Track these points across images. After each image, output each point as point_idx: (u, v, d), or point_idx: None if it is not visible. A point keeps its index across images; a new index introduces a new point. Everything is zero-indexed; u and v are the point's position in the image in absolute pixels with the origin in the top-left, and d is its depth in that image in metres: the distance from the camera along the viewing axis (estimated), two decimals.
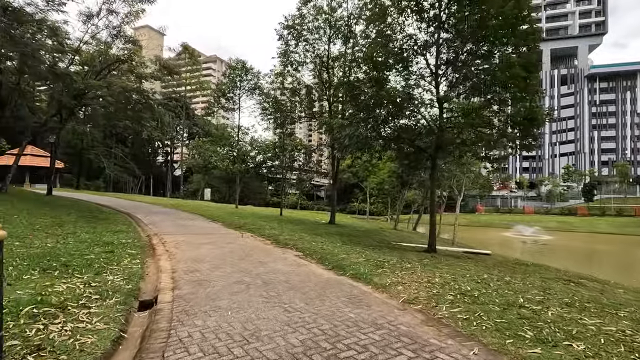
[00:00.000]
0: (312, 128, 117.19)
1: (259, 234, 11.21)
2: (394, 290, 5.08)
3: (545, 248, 29.32)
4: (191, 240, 9.55)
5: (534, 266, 11.72)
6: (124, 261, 6.48)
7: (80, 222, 11.24)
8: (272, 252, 8.33)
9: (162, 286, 5.30)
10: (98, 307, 4.04)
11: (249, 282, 5.43)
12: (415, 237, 19.62)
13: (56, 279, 4.96)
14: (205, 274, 6.00)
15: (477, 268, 7.76)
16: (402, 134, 11.23)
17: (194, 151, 48.67)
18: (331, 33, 17.79)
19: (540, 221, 52.93)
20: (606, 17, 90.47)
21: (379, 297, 4.84)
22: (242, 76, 24.74)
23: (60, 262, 5.86)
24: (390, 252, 9.53)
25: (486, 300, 4.57)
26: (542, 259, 20.37)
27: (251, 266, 6.63)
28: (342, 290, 5.12)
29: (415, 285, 5.28)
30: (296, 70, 18.89)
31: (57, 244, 7.70)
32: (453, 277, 5.97)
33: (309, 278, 5.84)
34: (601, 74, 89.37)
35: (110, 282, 5.03)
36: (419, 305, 4.44)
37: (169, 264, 6.81)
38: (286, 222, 16.41)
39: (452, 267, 7.23)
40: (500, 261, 11.60)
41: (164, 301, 4.63)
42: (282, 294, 4.87)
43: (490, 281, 5.91)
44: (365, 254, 8.00)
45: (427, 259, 8.39)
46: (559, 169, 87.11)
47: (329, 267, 6.72)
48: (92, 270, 5.56)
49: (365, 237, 13.34)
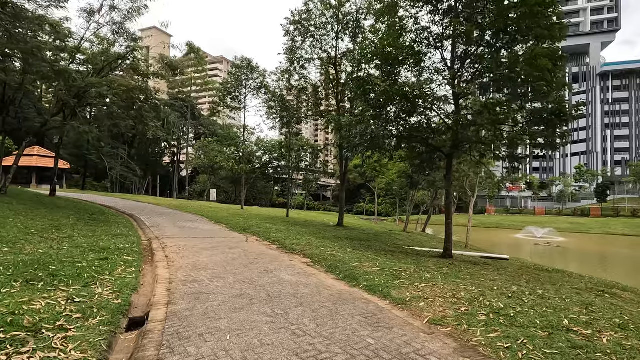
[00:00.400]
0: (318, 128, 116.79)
1: (265, 237, 10.67)
2: (416, 307, 4.47)
3: (560, 251, 28.38)
4: (193, 245, 9.04)
5: (555, 272, 11.03)
6: (118, 270, 5.97)
7: (79, 225, 10.81)
8: (278, 258, 7.77)
9: (155, 300, 4.77)
10: (78, 328, 3.51)
11: (252, 296, 4.87)
12: (427, 240, 18.93)
13: (38, 292, 4.45)
14: (205, 284, 5.45)
15: (502, 277, 7.10)
16: (414, 132, 10.60)
17: (200, 151, 48.46)
18: (339, 29, 17.20)
19: (552, 222, 51.75)
20: (619, 14, 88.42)
21: (400, 315, 4.24)
22: (247, 75, 24.27)
23: (47, 272, 5.35)
24: (405, 258, 8.91)
25: (525, 322, 3.94)
26: (560, 263, 19.56)
27: (255, 275, 6.08)
28: (357, 307, 4.52)
29: (439, 301, 4.67)
30: (303, 67, 18.35)
31: (50, 249, 7.23)
32: (480, 290, 5.34)
33: (318, 291, 5.26)
34: (614, 72, 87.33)
35: (98, 296, 4.50)
36: (448, 327, 3.83)
37: (167, 273, 6.29)
38: (293, 225, 15.87)
39: (475, 278, 6.58)
40: (520, 267, 10.90)
41: (155, 319, 4.09)
42: (289, 311, 4.30)
43: (522, 295, 5.27)
44: (379, 262, 7.39)
45: (446, 266, 7.75)
46: (571, 169, 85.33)
47: (340, 277, 6.13)
48: (80, 282, 5.05)
49: (375, 241, 12.72)
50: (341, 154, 17.78)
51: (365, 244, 11.53)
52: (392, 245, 12.48)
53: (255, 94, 24.42)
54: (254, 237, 10.87)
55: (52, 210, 13.10)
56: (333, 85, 18.00)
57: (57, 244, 7.91)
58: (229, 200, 48.92)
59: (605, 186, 66.32)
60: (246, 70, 24.21)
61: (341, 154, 17.78)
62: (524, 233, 41.74)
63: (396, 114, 10.39)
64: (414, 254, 10.39)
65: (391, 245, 12.15)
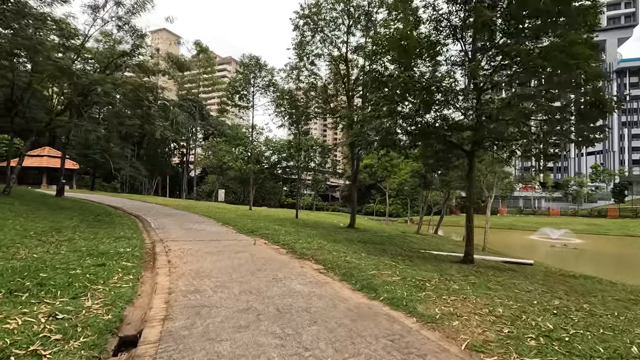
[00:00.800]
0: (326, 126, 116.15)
1: (273, 240, 10.11)
2: (449, 327, 3.84)
3: (577, 253, 27.27)
4: (198, 248, 8.53)
5: (584, 278, 10.25)
6: (114, 277, 5.47)
7: (81, 227, 10.39)
8: (287, 264, 7.20)
9: (151, 314, 4.22)
10: (54, 354, 2.98)
11: (259, 311, 4.30)
12: (442, 243, 18.17)
13: (20, 306, 3.95)
14: (207, 295, 4.90)
15: (536, 288, 6.40)
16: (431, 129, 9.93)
17: (208, 152, 48.28)
18: (350, 23, 16.57)
19: (568, 223, 50.24)
20: (637, 8, 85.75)
21: (431, 337, 3.61)
22: (255, 73, 23.78)
23: (36, 281, 4.87)
24: (424, 263, 8.25)
25: (586, 349, 3.29)
26: (581, 267, 18.62)
27: (263, 285, 5.51)
28: (380, 326, 3.91)
29: (475, 320, 4.03)
30: (312, 64, 17.76)
31: (46, 253, 6.78)
32: (519, 305, 4.68)
33: (334, 304, 4.66)
34: (631, 68, 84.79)
35: (86, 310, 3.98)
36: (492, 355, 3.20)
37: (168, 281, 5.75)
38: (302, 226, 15.29)
39: (507, 288, 5.91)
40: (547, 273, 10.14)
41: (148, 340, 3.54)
42: (302, 330, 3.71)
43: (569, 311, 4.59)
44: (399, 269, 6.75)
45: (472, 274, 7.07)
46: (586, 168, 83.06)
47: (357, 287, 5.52)
48: (69, 292, 4.55)
49: (390, 245, 12.06)
50: (352, 153, 17.14)
51: (379, 247, 10.89)
52: (408, 248, 11.80)
53: (263, 93, 23.92)
54: (262, 239, 10.33)
55: (55, 211, 12.76)
56: (344, 82, 17.38)
57: (54, 247, 7.46)
58: (238, 201, 48.63)
59: (623, 186, 64.30)
60: (254, 68, 23.73)
61: (352, 153, 17.14)
62: (539, 234, 40.50)
63: (413, 109, 9.73)
64: (432, 258, 9.71)
65: (407, 249, 11.47)
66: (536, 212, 68.29)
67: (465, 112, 9.78)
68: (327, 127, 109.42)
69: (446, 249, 13.78)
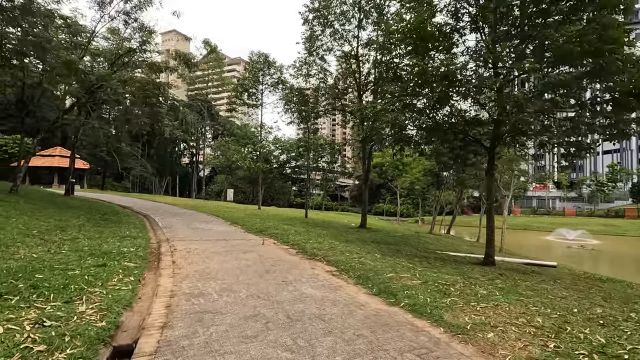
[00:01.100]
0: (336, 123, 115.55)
1: (283, 240, 9.71)
2: (484, 340, 3.36)
3: (596, 254, 26.26)
4: (204, 248, 8.18)
5: (611, 282, 9.61)
6: (114, 279, 5.12)
7: (87, 226, 10.15)
8: (298, 265, 6.78)
9: (149, 321, 3.85)
10: None
11: (268, 318, 3.88)
12: (458, 244, 17.55)
13: (6, 311, 3.61)
14: (212, 300, 4.51)
15: (571, 293, 5.85)
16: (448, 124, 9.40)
17: (217, 151, 48.25)
18: (361, 16, 16.07)
19: (584, 224, 48.72)
20: None
21: (464, 352, 3.15)
22: (264, 70, 23.45)
23: (29, 282, 4.54)
24: (443, 265, 7.74)
25: None
26: (603, 269, 17.84)
27: (272, 288, 5.10)
28: (403, 337, 3.46)
29: (513, 331, 3.54)
30: (322, 59, 17.32)
31: (46, 253, 6.49)
32: (559, 313, 4.17)
33: (350, 310, 4.22)
34: None
35: (78, 316, 3.62)
36: None
37: (171, 282, 5.39)
38: (312, 226, 14.88)
39: (539, 294, 5.38)
40: (573, 276, 9.53)
41: (143, 351, 3.15)
42: (316, 342, 3.28)
43: (616, 321, 4.07)
44: (418, 272, 6.27)
45: (498, 278, 6.54)
46: (602, 167, 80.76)
47: (374, 291, 5.07)
48: (64, 295, 4.20)
49: (404, 245, 11.54)
50: (364, 150, 16.64)
51: (393, 248, 10.39)
52: (424, 249, 11.27)
53: (272, 90, 23.56)
54: (271, 239, 9.94)
55: (62, 210, 12.58)
56: (355, 78, 16.90)
57: (56, 247, 7.18)
58: (247, 201, 48.47)
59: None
60: (262, 66, 23.40)
61: (364, 150, 16.64)
62: (555, 235, 39.29)
63: (428, 103, 9.20)
64: (450, 260, 9.18)
65: (422, 250, 10.94)
66: (550, 212, 66.64)
67: (485, 105, 9.22)
68: (337, 124, 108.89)
69: (463, 250, 13.19)
